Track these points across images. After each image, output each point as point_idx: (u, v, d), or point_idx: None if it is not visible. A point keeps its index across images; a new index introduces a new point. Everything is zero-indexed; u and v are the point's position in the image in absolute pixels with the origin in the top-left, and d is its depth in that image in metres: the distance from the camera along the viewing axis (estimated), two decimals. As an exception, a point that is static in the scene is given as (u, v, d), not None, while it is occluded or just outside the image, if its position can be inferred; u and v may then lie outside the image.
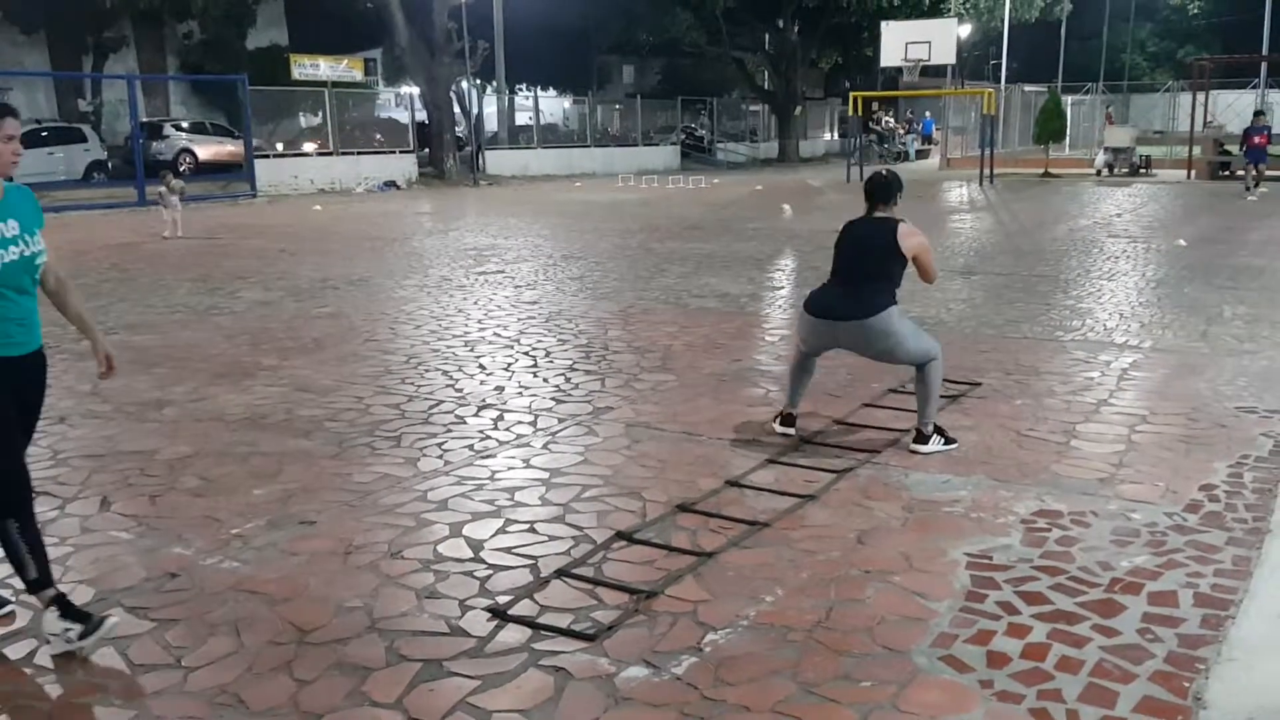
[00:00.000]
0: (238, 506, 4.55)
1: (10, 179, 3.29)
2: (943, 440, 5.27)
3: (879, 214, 5.34)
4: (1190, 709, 2.95)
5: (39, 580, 3.28)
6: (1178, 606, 3.53)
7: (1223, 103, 37.92)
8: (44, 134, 26.56)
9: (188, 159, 28.95)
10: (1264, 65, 39.29)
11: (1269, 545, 4.03)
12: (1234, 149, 28.63)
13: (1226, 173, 27.79)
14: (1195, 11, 56.20)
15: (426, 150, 30.48)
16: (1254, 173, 22.74)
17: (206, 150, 29.82)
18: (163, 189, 15.85)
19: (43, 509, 4.54)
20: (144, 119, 28.48)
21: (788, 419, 5.56)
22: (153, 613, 3.56)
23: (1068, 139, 35.38)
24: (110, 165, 27.50)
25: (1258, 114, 24.22)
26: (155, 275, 11.89)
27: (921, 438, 5.25)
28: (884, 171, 5.52)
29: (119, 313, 9.42)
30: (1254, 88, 41.23)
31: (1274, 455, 5.09)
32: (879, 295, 5.18)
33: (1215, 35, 53.54)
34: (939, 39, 29.33)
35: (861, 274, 5.25)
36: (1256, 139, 23.19)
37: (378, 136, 31.19)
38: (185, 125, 31.36)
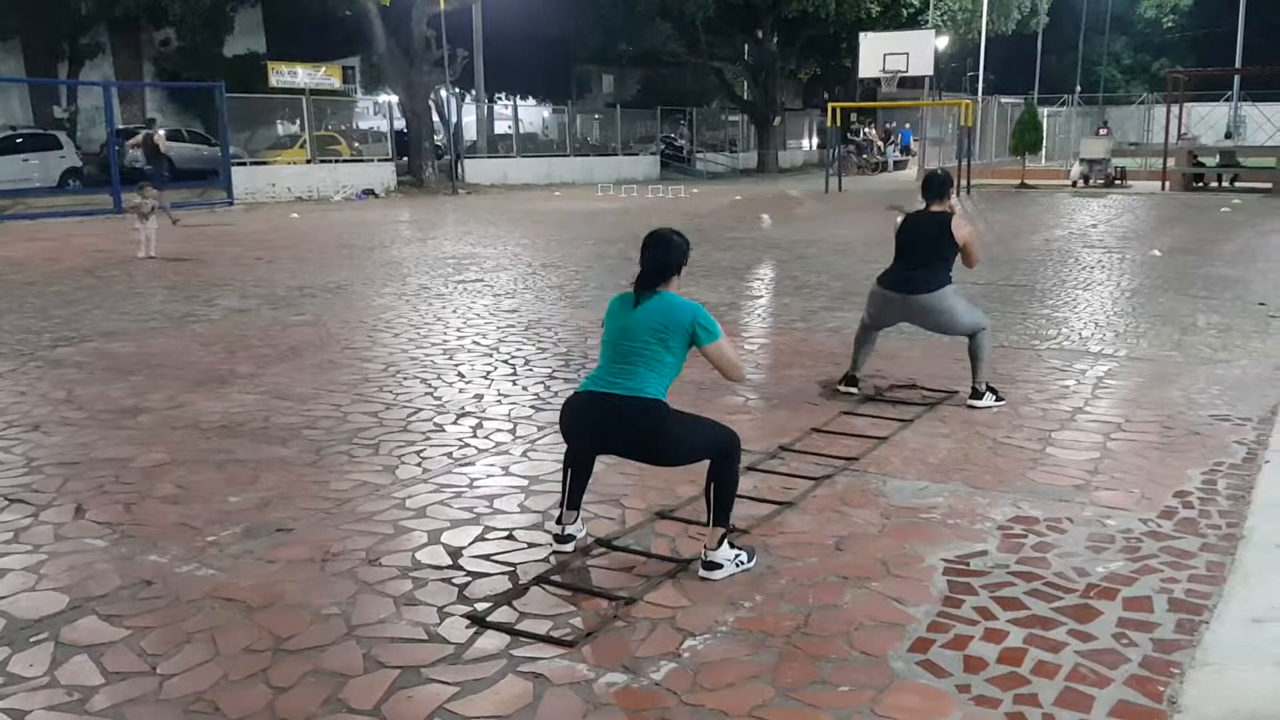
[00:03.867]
0: (214, 514, 4.52)
1: None
2: (994, 397, 6.21)
3: (935, 208, 6.22)
4: (1165, 713, 2.97)
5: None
6: (1152, 612, 3.56)
7: (1196, 115, 38.37)
8: (19, 140, 26.38)
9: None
10: (1237, 79, 39.76)
11: (1242, 551, 4.06)
12: (1210, 161, 28.97)
13: (1200, 184, 28.10)
14: (1170, 25, 56.84)
15: (405, 158, 30.43)
16: None
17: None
18: (138, 200, 14.15)
19: (15, 516, 4.52)
20: (120, 126, 28.31)
21: (851, 380, 6.51)
22: (127, 620, 3.53)
23: (1044, 150, 35.66)
24: (85, 172, 27.30)
25: None
26: (130, 282, 11.82)
27: (976, 394, 6.20)
28: (939, 171, 6.55)
29: (94, 320, 9.36)
30: (1227, 100, 41.72)
31: (1247, 462, 5.13)
32: (937, 274, 6.12)
33: (1190, 48, 54.14)
34: (917, 50, 29.52)
35: (922, 258, 6.14)
36: None
37: (355, 144, 31.16)
38: (162, 133, 31.16)
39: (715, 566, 3.82)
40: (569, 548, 4.09)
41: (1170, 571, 3.87)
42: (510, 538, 4.25)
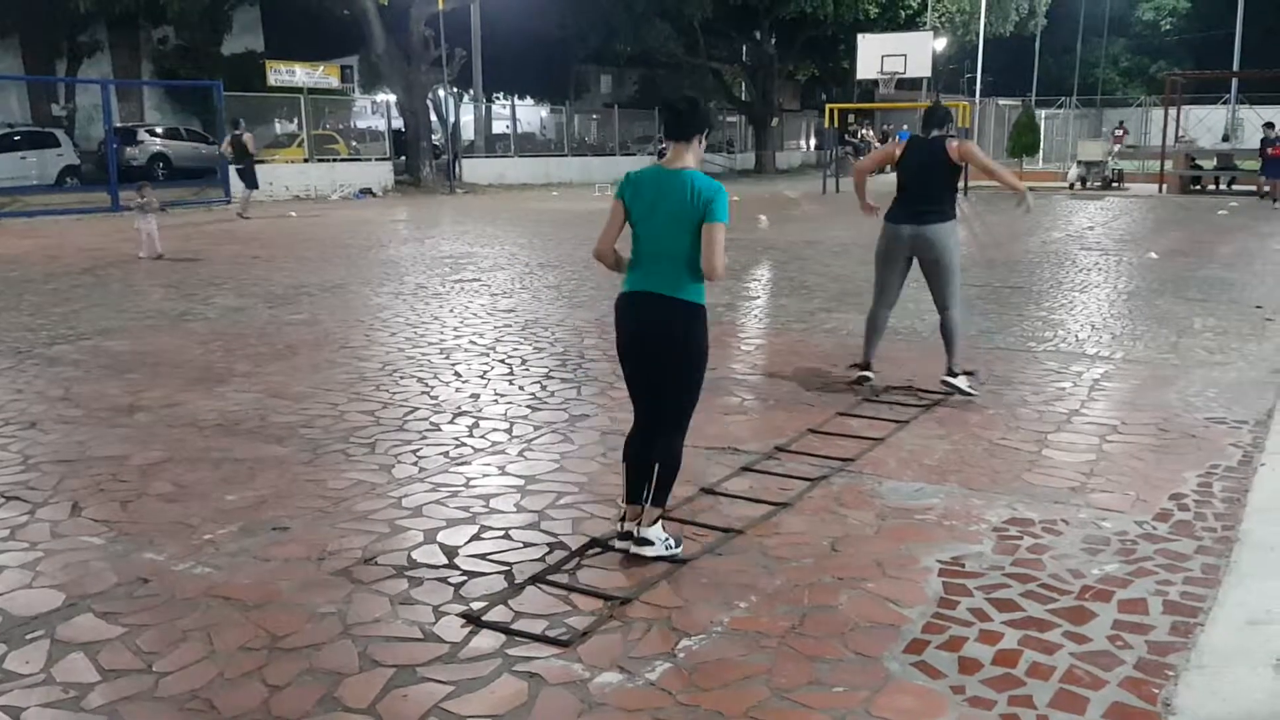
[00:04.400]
0: (210, 512, 4.53)
1: None
2: (968, 382, 6.44)
3: (934, 134, 6.52)
4: (1159, 715, 2.97)
5: None
6: (1147, 614, 3.57)
7: (1194, 117, 38.40)
8: (16, 138, 26.35)
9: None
10: (1235, 81, 39.80)
11: (1237, 554, 4.07)
12: (1207, 164, 28.98)
13: (1198, 186, 28.12)
14: (1168, 27, 56.91)
15: (403, 158, 30.43)
16: (1273, 186, 23.32)
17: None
18: (139, 200, 13.82)
19: (12, 514, 4.52)
20: (118, 124, 28.29)
21: (865, 365, 6.70)
22: (124, 618, 3.53)
23: (1041, 152, 35.69)
24: (83, 170, 27.28)
25: (1268, 125, 24.43)
26: (128, 281, 11.81)
27: (950, 373, 6.44)
28: (938, 101, 7.06)
29: (92, 318, 9.35)
30: (1224, 103, 41.75)
31: (1242, 465, 5.14)
32: (944, 206, 6.44)
33: (1187, 51, 54.19)
34: (915, 52, 29.50)
35: (926, 186, 6.44)
36: (1270, 150, 23.55)
37: (353, 143, 31.18)
38: (159, 130, 31.16)
39: (647, 543, 3.99)
40: (625, 546, 4.08)
41: (1165, 574, 3.88)
42: (506, 537, 4.25)
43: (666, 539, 4.03)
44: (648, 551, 3.98)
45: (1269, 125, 24.25)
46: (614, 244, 4.07)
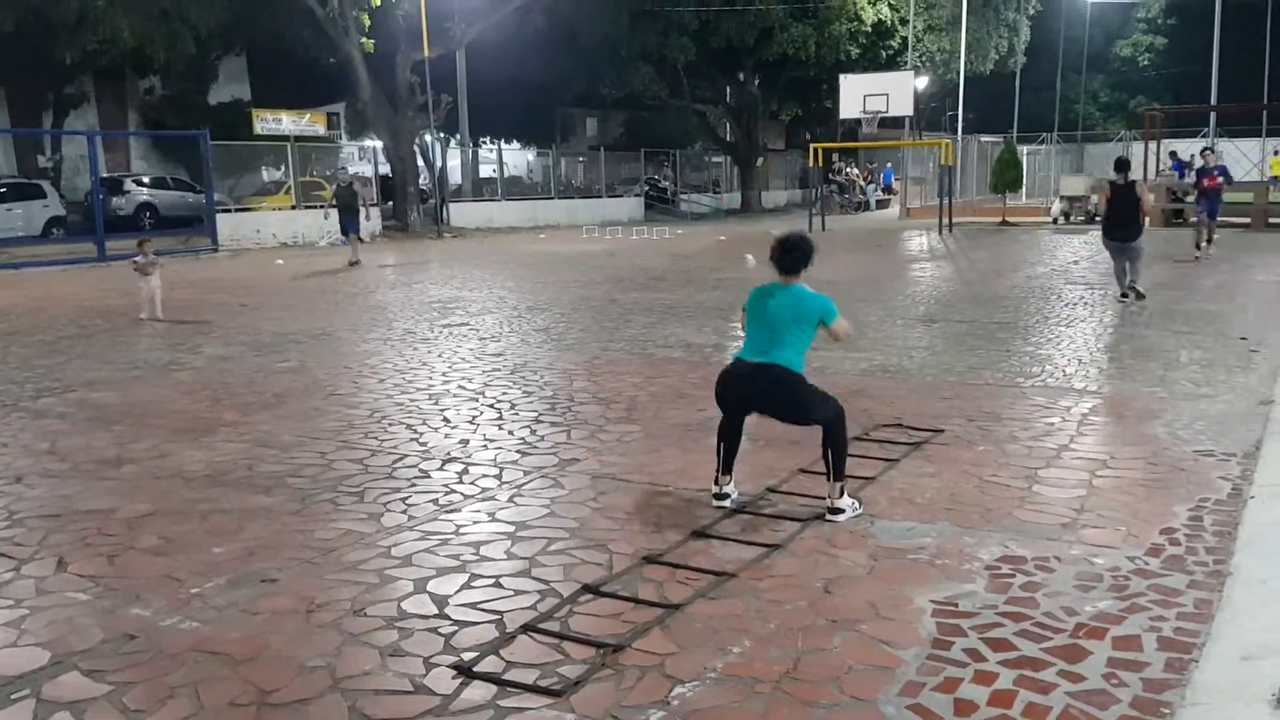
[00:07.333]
0: (198, 565, 4.49)
1: None
2: (1139, 294, 12.10)
3: (1130, 178, 12.10)
4: (1156, 754, 2.95)
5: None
6: (1142, 651, 3.55)
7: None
8: (2, 190, 26.37)
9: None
10: (1213, 115, 40.24)
11: (1230, 588, 4.06)
12: (1188, 197, 29.13)
13: (1179, 220, 28.32)
14: (1146, 63, 57.64)
15: (390, 203, 30.54)
16: (1206, 227, 19.37)
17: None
18: (139, 258, 12.88)
19: (-3, 571, 4.47)
20: (104, 174, 28.34)
21: (1129, 291, 12.22)
22: (110, 675, 3.49)
23: (1024, 188, 35.98)
24: (69, 221, 27.27)
25: (1205, 150, 20.91)
26: (114, 331, 11.78)
27: (1136, 291, 12.13)
28: (1123, 155, 11.29)
29: (78, 369, 9.32)
30: (1203, 136, 42.18)
31: (1232, 498, 5.15)
32: (1138, 225, 12.07)
33: (1166, 86, 54.82)
34: (896, 91, 29.82)
35: (1128, 215, 11.99)
36: (1206, 181, 19.68)
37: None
38: (146, 180, 31.22)
39: (839, 511, 4.89)
40: (727, 504, 5.09)
41: (1159, 610, 3.87)
42: (497, 585, 4.22)
43: (853, 503, 4.96)
44: (841, 519, 4.85)
45: (1208, 150, 20.99)
46: None
